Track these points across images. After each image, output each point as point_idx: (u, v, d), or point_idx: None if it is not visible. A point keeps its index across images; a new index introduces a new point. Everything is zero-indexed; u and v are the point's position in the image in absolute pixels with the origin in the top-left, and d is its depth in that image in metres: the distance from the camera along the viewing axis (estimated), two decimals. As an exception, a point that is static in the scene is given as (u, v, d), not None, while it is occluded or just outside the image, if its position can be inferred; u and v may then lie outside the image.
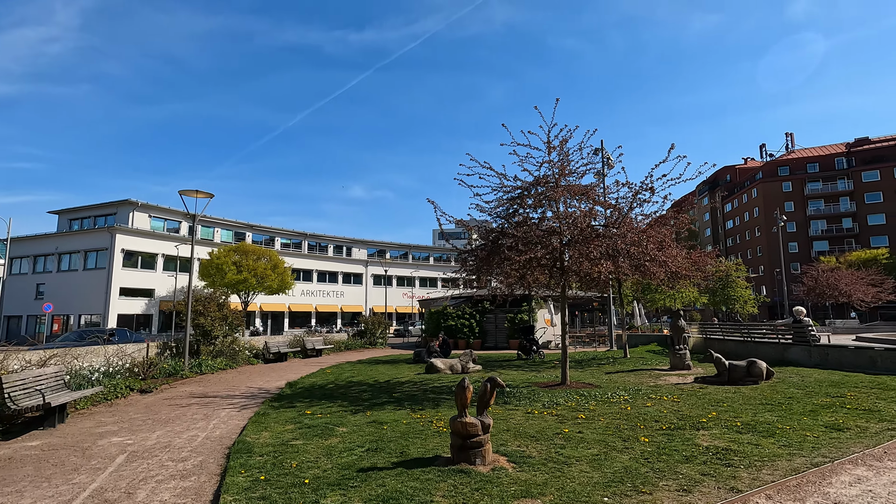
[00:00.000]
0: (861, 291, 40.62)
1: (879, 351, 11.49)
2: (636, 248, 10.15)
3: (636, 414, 7.64)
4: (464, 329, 28.37)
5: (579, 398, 9.21)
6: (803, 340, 13.16)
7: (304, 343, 23.36)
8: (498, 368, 15.55)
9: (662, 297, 40.98)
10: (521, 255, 9.75)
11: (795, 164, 74.98)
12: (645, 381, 11.59)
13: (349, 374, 14.64)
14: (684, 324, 13.56)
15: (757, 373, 10.43)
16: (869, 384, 9.61)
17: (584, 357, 18.54)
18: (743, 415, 7.38)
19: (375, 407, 8.95)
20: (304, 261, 59.29)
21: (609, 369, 14.17)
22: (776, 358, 13.85)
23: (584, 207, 10.72)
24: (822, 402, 8.17)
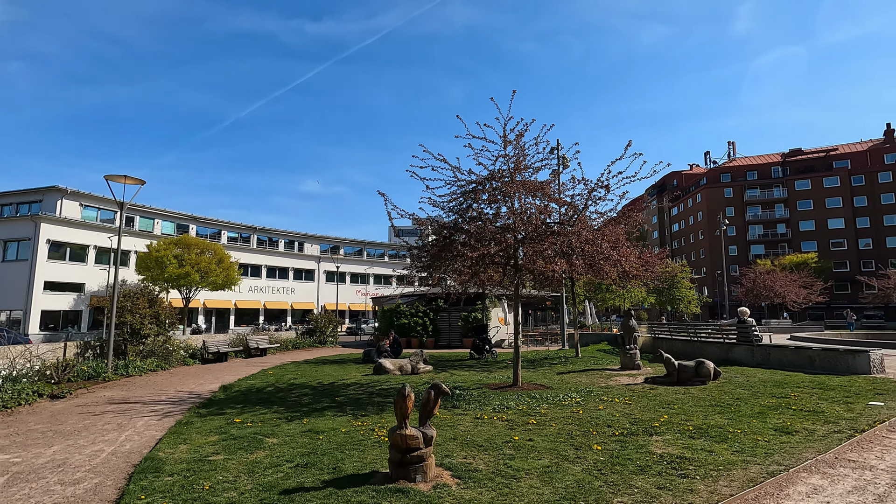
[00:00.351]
0: (793, 293, 43.03)
1: (817, 351, 11.84)
2: (590, 247, 9.93)
3: (588, 418, 7.36)
4: (417, 327, 27.83)
5: (531, 401, 8.88)
6: (747, 340, 13.46)
7: (247, 342, 22.12)
8: (450, 369, 15.11)
9: (613, 296, 41.93)
10: (474, 252, 9.31)
11: (736, 171, 78.95)
12: (596, 381, 11.45)
13: (292, 376, 13.80)
14: (635, 323, 13.58)
15: (705, 373, 10.47)
16: (810, 384, 9.80)
17: (536, 356, 18.42)
18: (694, 417, 7.23)
19: (314, 413, 8.27)
20: (252, 255, 56.89)
21: (561, 369, 14.02)
22: (721, 357, 14.11)
23: (539, 204, 10.42)
24: (768, 403, 8.18)
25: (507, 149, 10.72)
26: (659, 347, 17.41)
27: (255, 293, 56.17)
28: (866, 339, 24.74)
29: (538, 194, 10.43)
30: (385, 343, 18.18)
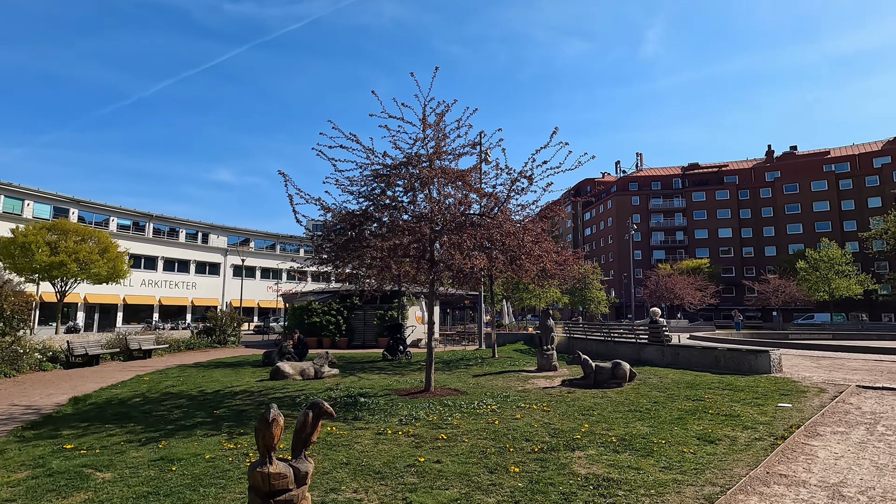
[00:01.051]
0: (690, 295, 46.29)
1: (722, 351, 12.12)
2: (512, 240, 9.22)
3: (505, 430, 6.55)
4: (329, 326, 26.17)
5: (443, 409, 7.96)
6: (658, 341, 13.59)
7: (126, 342, 19.28)
8: (358, 372, 13.88)
9: (529, 296, 42.66)
10: (384, 242, 8.22)
11: (643, 180, 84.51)
12: (513, 384, 10.82)
13: (171, 383, 11.86)
14: (552, 323, 13.21)
15: (621, 375, 10.19)
16: (719, 385, 9.81)
17: (452, 357, 17.68)
18: (616, 426, 6.68)
19: (181, 432, 6.75)
20: (147, 246, 51.35)
21: (477, 371, 13.32)
22: (633, 357, 14.17)
23: (458, 195, 9.55)
24: (685, 406, 7.90)
25: (427, 131, 9.77)
26: (574, 347, 17.36)
27: (148, 287, 50.76)
28: (754, 338, 26.83)
29: (458, 183, 9.57)
30: (289, 344, 16.52)
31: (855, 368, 12.16)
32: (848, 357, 14.85)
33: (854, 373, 11.34)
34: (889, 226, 50.54)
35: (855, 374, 11.17)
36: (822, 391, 8.95)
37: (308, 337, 26.16)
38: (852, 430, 6.33)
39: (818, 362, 13.67)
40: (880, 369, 12.02)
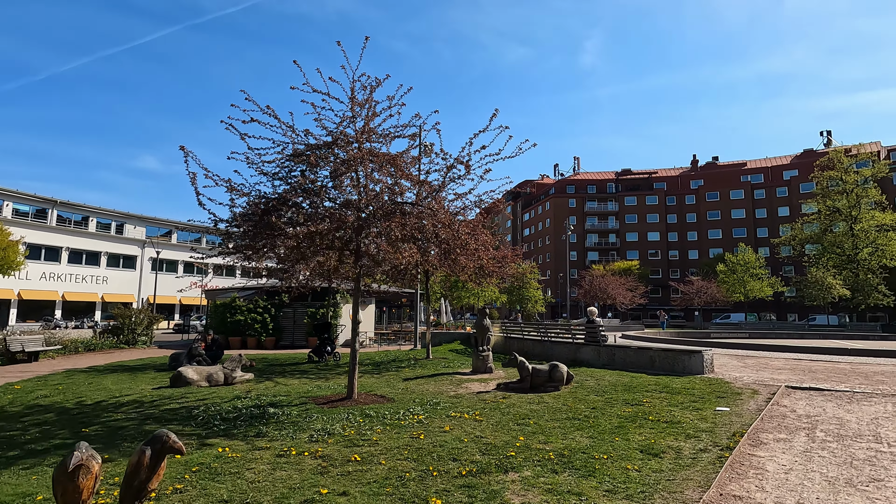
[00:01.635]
0: (622, 295, 47.84)
1: (657, 351, 11.99)
2: (446, 232, 8.39)
3: (431, 446, 5.70)
4: (255, 325, 24.33)
5: (363, 421, 7.00)
6: (594, 341, 13.33)
7: (6, 343, 16.69)
8: (278, 376, 12.57)
9: (468, 294, 42.35)
10: (298, 228, 7.13)
11: (579, 184, 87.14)
12: (446, 389, 10.02)
13: (46, 392, 10.05)
14: (489, 322, 12.58)
15: (558, 377, 9.66)
16: (656, 387, 9.52)
17: (385, 358, 16.68)
18: (553, 438, 6.02)
19: (24, 460, 5.36)
20: (49, 235, 46.14)
21: (409, 374, 12.43)
22: (569, 358, 13.84)
23: (388, 181, 8.60)
24: (625, 412, 7.42)
25: (356, 109, 8.74)
26: (511, 348, 16.89)
27: (50, 281, 45.69)
28: (681, 336, 27.80)
29: (389, 167, 8.61)
30: (201, 345, 14.84)
31: (778, 368, 12.43)
32: (769, 356, 15.35)
33: (779, 372, 11.52)
34: (796, 233, 54.91)
35: (780, 373, 11.34)
36: (756, 393, 8.83)
37: (231, 336, 24.20)
38: (794, 437, 6.03)
39: (744, 361, 13.96)
40: (801, 368, 12.34)
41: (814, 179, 53.99)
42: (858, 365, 12.98)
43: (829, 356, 15.20)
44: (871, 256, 47.17)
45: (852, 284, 46.46)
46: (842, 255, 48.47)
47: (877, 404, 7.87)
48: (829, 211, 50.75)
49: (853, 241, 48.00)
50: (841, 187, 49.89)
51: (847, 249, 48.20)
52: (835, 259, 48.80)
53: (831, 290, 45.30)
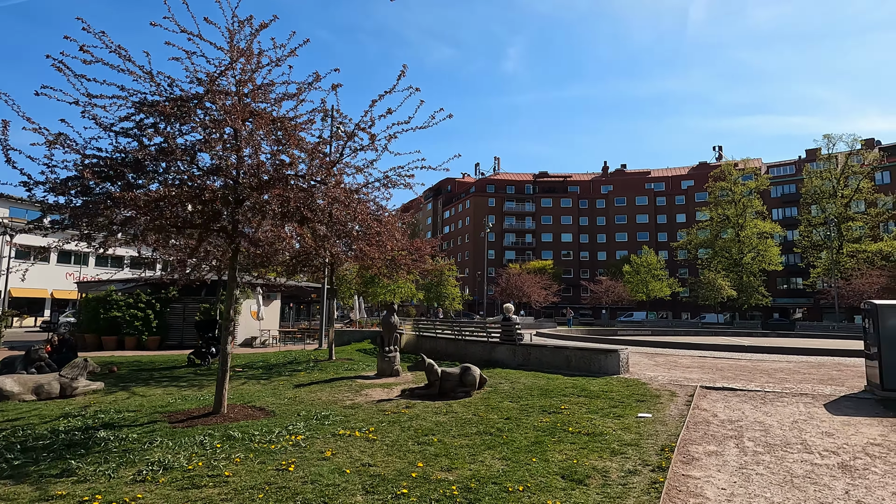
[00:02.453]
0: (537, 293, 48.76)
1: (573, 351, 11.42)
2: (342, 211, 6.98)
3: (299, 484, 4.32)
4: (135, 322, 21.12)
5: (221, 446, 5.44)
6: (510, 339, 12.55)
7: None
8: (141, 383, 10.41)
9: (383, 290, 40.81)
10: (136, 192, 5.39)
11: (499, 184, 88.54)
12: (341, 397, 8.61)
13: None
14: (397, 320, 11.31)
15: (470, 382, 8.63)
16: (573, 389, 8.79)
17: (282, 359, 14.83)
18: (459, 462, 4.89)
19: None
20: None
21: (303, 378, 10.83)
22: (484, 358, 12.97)
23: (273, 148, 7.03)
24: (542, 423, 6.49)
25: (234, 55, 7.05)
26: (423, 347, 15.76)
27: None
28: (591, 334, 28.36)
29: (276, 131, 7.03)
30: (45, 348, 12.12)
31: (688, 366, 12.39)
32: (675, 353, 15.54)
33: (690, 371, 11.40)
34: (691, 238, 59.44)
35: (691, 372, 11.20)
36: (674, 395, 8.37)
37: (106, 336, 20.84)
38: (724, 449, 5.40)
39: (654, 359, 13.91)
40: (708, 366, 12.39)
41: (707, 189, 58.74)
42: (757, 362, 13.35)
43: (729, 353, 15.70)
44: (753, 261, 52.09)
45: (738, 286, 50.97)
46: (729, 259, 53.07)
47: (790, 405, 7.65)
48: (719, 218, 55.40)
49: (739, 247, 52.73)
50: (730, 197, 54.62)
51: (734, 254, 52.85)
52: (724, 262, 53.31)
53: (721, 290, 49.34)
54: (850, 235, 50.41)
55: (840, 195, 50.84)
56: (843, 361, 13.44)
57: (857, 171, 51.88)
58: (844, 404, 7.68)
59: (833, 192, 51.03)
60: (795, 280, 66.02)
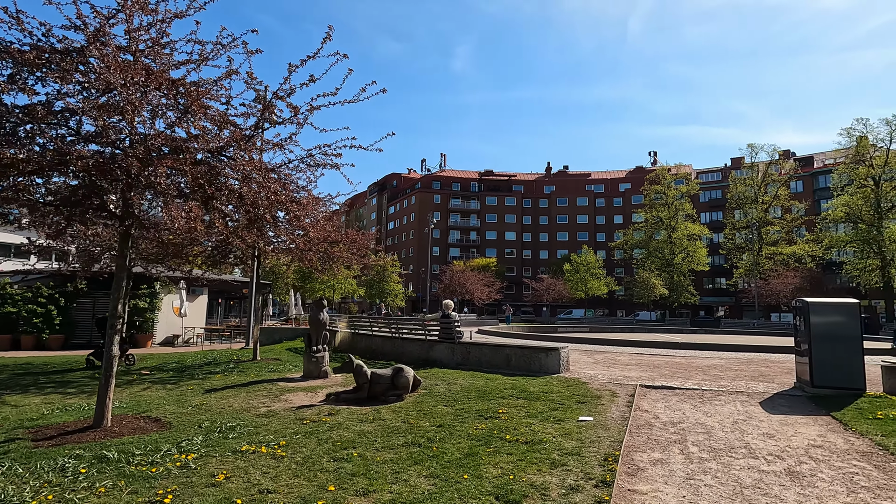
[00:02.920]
0: (480, 291, 48.76)
1: (514, 349, 10.99)
2: (255, 191, 6.04)
3: (172, 521, 3.45)
4: (34, 319, 18.83)
5: (87, 471, 4.43)
6: (449, 338, 11.95)
7: None
8: (18, 392, 8.89)
9: (321, 286, 39.25)
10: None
11: (445, 181, 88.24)
12: (257, 403, 7.65)
13: None
14: (326, 317, 10.40)
15: (402, 384, 7.93)
16: (512, 391, 8.30)
17: (200, 360, 13.47)
18: (379, 482, 4.18)
19: None
20: None
21: (217, 382, 9.70)
22: (422, 357, 12.31)
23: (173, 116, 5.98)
24: (478, 430, 5.90)
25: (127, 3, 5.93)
26: (358, 346, 14.90)
27: None
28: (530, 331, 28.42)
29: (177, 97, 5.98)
30: None
31: (626, 363, 12.32)
32: (613, 351, 15.58)
33: (628, 369, 11.28)
34: (627, 239, 61.75)
35: (630, 370, 11.08)
36: (615, 395, 8.06)
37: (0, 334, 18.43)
38: (670, 456, 5.02)
39: (593, 357, 13.81)
40: (645, 363, 12.38)
41: (643, 192, 61.21)
42: (691, 359, 13.54)
43: (664, 350, 15.95)
44: (683, 261, 54.77)
45: (669, 285, 53.41)
46: (662, 259, 55.53)
47: (728, 403, 7.52)
48: (653, 220, 57.85)
49: (671, 248, 55.28)
50: (663, 200, 57.15)
51: (666, 254, 55.35)
52: (657, 262, 55.71)
53: (654, 289, 51.48)
54: (769, 239, 54.11)
55: (761, 201, 54.42)
56: (769, 358, 13.90)
57: (776, 180, 55.77)
58: (779, 402, 7.65)
59: (755, 198, 54.55)
60: (720, 280, 70.30)
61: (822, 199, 63.50)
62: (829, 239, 46.87)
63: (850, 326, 8.05)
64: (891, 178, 42.65)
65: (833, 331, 8.10)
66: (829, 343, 8.07)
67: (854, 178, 43.83)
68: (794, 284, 45.43)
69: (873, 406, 7.11)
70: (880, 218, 42.25)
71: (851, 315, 8.08)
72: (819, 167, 67.43)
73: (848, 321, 8.07)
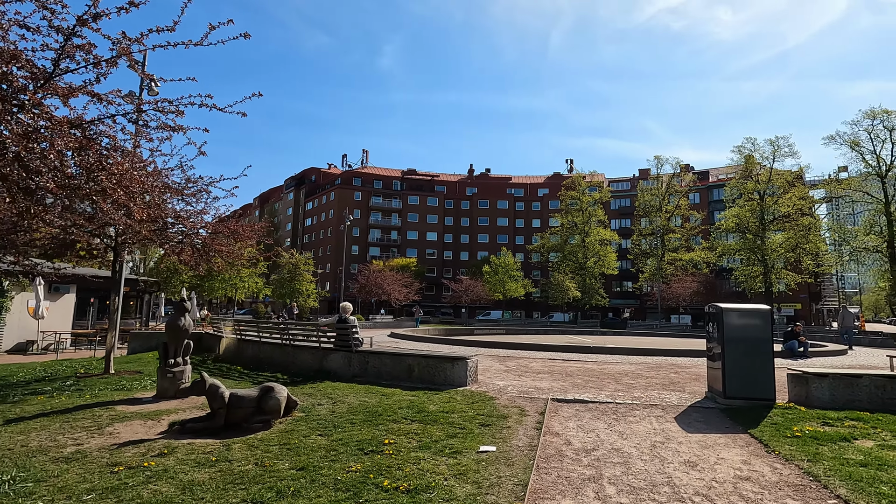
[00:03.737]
0: (397, 291, 47.34)
1: (417, 359, 9.77)
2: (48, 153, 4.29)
3: None
4: None
5: None
6: (345, 345, 10.49)
7: None
8: None
9: (222, 284, 35.83)
10: None
11: (366, 177, 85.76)
12: (65, 439, 5.77)
13: None
14: (188, 322, 8.52)
15: (272, 408, 6.41)
16: (408, 411, 7.06)
17: (36, 373, 10.87)
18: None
19: None
20: None
21: (34, 406, 7.52)
22: (315, 367, 10.75)
23: None
24: (350, 473, 4.57)
25: None
26: (245, 354, 12.99)
27: None
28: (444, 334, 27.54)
29: None
30: None
31: (538, 371, 11.59)
32: (527, 356, 14.92)
33: (540, 378, 10.50)
34: (544, 242, 63.34)
35: (541, 379, 10.29)
36: (523, 413, 7.09)
37: None
38: (584, 502, 4.02)
39: (506, 364, 13.00)
40: (558, 371, 11.73)
41: (560, 197, 63.10)
42: (603, 364, 13.15)
43: (577, 354, 15.57)
44: (595, 265, 57.03)
45: (582, 287, 55.31)
46: (576, 263, 57.46)
47: (643, 420, 6.82)
48: (569, 225, 59.78)
49: (584, 252, 57.37)
50: (578, 206, 59.22)
51: (579, 258, 57.36)
52: (571, 265, 57.54)
53: (568, 291, 52.99)
54: (671, 245, 57.83)
55: (664, 210, 58.04)
56: (676, 362, 13.88)
57: (678, 191, 59.79)
58: (694, 417, 7.09)
59: (659, 206, 58.07)
60: (626, 283, 74.38)
61: (715, 210, 69.33)
62: (722, 247, 50.87)
63: (762, 333, 7.72)
64: (773, 192, 47.01)
65: (746, 338, 7.74)
66: (741, 351, 7.68)
67: (743, 192, 47.79)
68: (692, 289, 48.66)
69: (787, 420, 6.71)
70: (764, 229, 46.42)
71: (764, 321, 7.75)
72: (713, 181, 73.57)
73: (760, 327, 7.73)
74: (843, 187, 46.30)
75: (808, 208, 47.34)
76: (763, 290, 46.91)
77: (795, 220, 45.65)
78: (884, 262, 40.70)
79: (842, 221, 49.22)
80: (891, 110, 39.49)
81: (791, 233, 44.95)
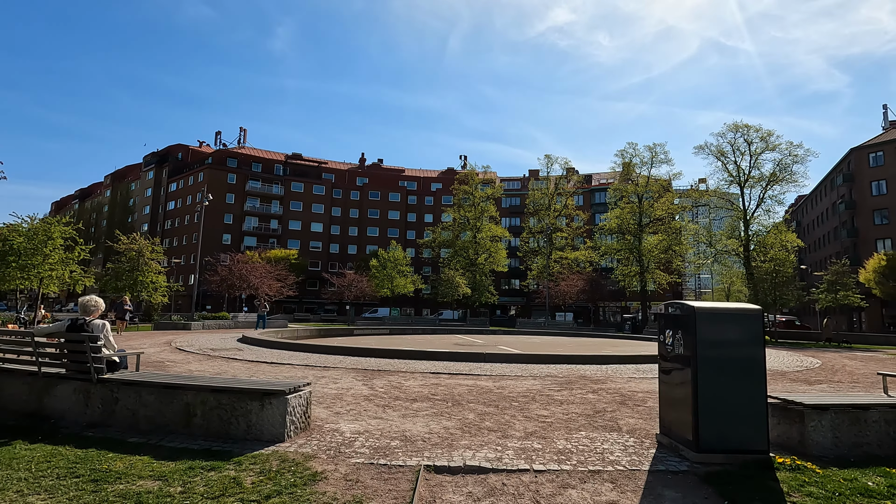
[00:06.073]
0: (267, 285, 41.50)
1: (201, 393, 5.60)
2: None
3: None
4: None
5: None
6: (82, 371, 6.03)
7: None
8: None
9: (23, 273, 27.54)
10: None
11: (243, 159, 76.74)
12: None
13: None
14: None
15: None
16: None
17: None
18: None
19: None
20: None
21: None
22: (29, 409, 6.17)
23: None
24: None
25: None
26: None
27: None
28: (318, 336, 23.26)
29: None
30: None
31: (415, 396, 8.13)
32: (404, 370, 11.41)
33: (414, 411, 7.03)
34: (435, 237, 60.93)
35: (416, 414, 6.82)
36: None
37: None
38: None
39: (372, 382, 9.37)
40: (440, 396, 8.37)
41: (453, 191, 61.15)
42: (500, 380, 10.10)
43: (467, 365, 12.44)
44: (486, 262, 55.81)
45: (472, 284, 53.69)
46: (467, 259, 55.78)
47: (591, 523, 3.60)
48: (461, 220, 57.99)
49: (475, 248, 55.89)
50: (471, 201, 57.65)
51: (471, 254, 55.77)
52: (462, 262, 55.72)
53: (458, 288, 50.92)
54: (558, 244, 58.61)
55: (553, 209, 58.65)
56: (585, 374, 11.33)
57: (566, 190, 60.90)
58: (668, 498, 4.04)
59: (548, 206, 58.55)
60: (515, 281, 74.96)
61: (597, 212, 72.45)
62: (605, 247, 52.40)
63: (753, 346, 4.97)
64: (649, 197, 49.21)
65: (729, 356, 4.93)
66: (725, 375, 4.86)
67: (624, 194, 49.46)
68: (578, 287, 49.18)
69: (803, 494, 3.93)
70: (641, 230, 48.41)
71: (755, 328, 5.00)
72: (596, 185, 77.05)
73: (750, 338, 4.97)
74: (709, 195, 49.85)
75: (676, 213, 50.38)
76: (639, 289, 48.85)
77: (668, 223, 48.15)
78: (741, 264, 44.11)
79: (707, 226, 53.12)
80: (751, 125, 42.89)
81: (664, 235, 47.23)
